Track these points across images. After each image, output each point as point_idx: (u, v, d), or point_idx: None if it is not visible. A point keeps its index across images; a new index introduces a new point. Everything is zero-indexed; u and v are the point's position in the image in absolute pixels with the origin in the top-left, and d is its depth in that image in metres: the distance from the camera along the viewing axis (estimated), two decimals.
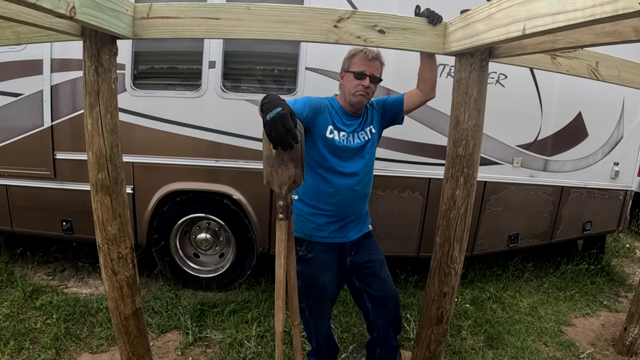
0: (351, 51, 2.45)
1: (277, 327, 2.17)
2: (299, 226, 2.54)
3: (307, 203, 2.53)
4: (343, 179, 2.48)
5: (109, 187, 2.04)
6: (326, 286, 2.59)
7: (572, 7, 1.14)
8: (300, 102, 2.34)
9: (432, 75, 2.56)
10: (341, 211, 2.53)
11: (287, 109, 1.77)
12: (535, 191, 4.18)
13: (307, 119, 2.31)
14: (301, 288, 2.50)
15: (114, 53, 1.94)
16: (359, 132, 2.55)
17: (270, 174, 2.00)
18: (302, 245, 2.54)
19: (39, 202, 3.99)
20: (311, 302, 2.62)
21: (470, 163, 2.11)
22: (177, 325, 3.51)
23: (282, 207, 2.04)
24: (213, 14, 1.92)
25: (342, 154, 2.47)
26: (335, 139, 2.44)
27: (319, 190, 2.49)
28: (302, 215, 2.55)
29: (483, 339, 3.54)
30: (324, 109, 2.46)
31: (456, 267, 2.28)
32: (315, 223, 2.54)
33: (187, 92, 3.64)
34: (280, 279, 2.11)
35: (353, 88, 2.44)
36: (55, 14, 1.37)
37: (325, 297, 2.64)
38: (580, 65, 2.42)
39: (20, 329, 3.36)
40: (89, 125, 1.96)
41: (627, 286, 4.88)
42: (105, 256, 2.16)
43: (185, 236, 4.17)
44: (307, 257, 2.55)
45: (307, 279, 2.54)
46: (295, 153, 1.94)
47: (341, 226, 2.57)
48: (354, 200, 2.56)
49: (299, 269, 2.45)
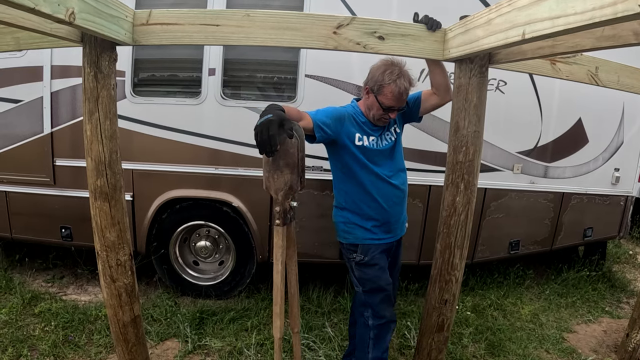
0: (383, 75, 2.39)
1: (275, 334, 2.16)
2: (347, 233, 2.61)
3: (352, 210, 2.59)
4: (381, 182, 2.53)
5: (107, 194, 2.03)
6: (390, 283, 2.62)
7: (572, 11, 1.14)
8: (322, 112, 2.39)
9: (442, 79, 2.52)
10: (385, 213, 2.58)
11: (277, 117, 1.86)
12: (535, 198, 4.17)
13: (332, 128, 2.36)
14: (362, 295, 2.61)
15: (113, 59, 1.94)
16: (386, 134, 2.59)
17: (267, 179, 2.08)
18: (357, 251, 2.59)
19: (38, 208, 3.97)
20: (376, 303, 2.59)
21: (470, 169, 2.10)
22: (176, 333, 3.49)
23: (279, 212, 2.08)
24: (213, 20, 1.92)
25: (375, 158, 2.52)
26: (366, 145, 2.49)
27: (360, 197, 2.55)
28: (350, 222, 2.60)
29: (484, 347, 3.51)
30: (348, 117, 2.48)
31: (457, 274, 2.27)
32: (364, 228, 2.58)
33: (187, 100, 3.64)
34: (278, 285, 2.11)
35: (377, 114, 2.48)
36: (55, 19, 1.37)
37: (390, 294, 2.65)
38: (580, 71, 2.42)
39: (19, 336, 3.34)
40: (88, 131, 1.96)
41: (628, 292, 4.86)
42: (104, 263, 2.15)
43: (184, 244, 4.15)
44: (364, 261, 2.58)
45: (370, 282, 2.58)
46: (290, 159, 2.01)
47: (388, 227, 2.63)
48: (395, 201, 2.62)
49: (359, 275, 2.61)
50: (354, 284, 2.70)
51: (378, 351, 2.62)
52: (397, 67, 2.40)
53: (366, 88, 2.50)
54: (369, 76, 2.50)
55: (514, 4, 1.43)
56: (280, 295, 2.11)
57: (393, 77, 2.37)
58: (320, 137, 2.36)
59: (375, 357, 2.62)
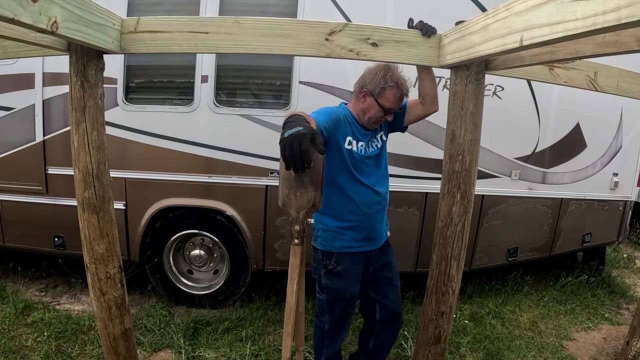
0: (385, 78, 2.41)
1: (284, 353, 2.13)
2: (326, 240, 2.57)
3: (333, 216, 2.54)
4: (364, 188, 2.52)
5: (95, 206, 1.98)
6: (354, 297, 2.64)
7: (572, 17, 1.08)
8: (323, 113, 2.33)
9: (431, 89, 2.53)
10: (366, 220, 2.56)
11: (309, 130, 1.68)
12: (534, 204, 4.14)
13: (329, 131, 2.30)
14: (325, 302, 2.63)
15: (100, 68, 1.89)
16: (372, 141, 2.59)
17: (287, 196, 1.89)
18: (331, 259, 2.55)
19: (30, 217, 3.93)
20: (335, 316, 2.63)
21: (467, 179, 2.05)
22: (170, 343, 3.43)
23: (299, 232, 1.93)
24: (202, 27, 1.87)
25: (361, 164, 2.50)
26: (354, 150, 2.47)
27: (343, 203, 2.51)
28: (330, 229, 2.56)
29: (482, 356, 3.47)
30: (343, 119, 2.46)
31: (453, 285, 2.21)
32: (343, 235, 2.55)
33: (180, 107, 3.60)
34: (291, 306, 2.03)
35: (374, 117, 2.48)
36: (36, 29, 1.32)
37: (351, 308, 2.68)
38: (579, 76, 2.38)
39: (11, 346, 3.29)
40: (75, 142, 1.92)
41: (628, 298, 4.83)
42: (93, 276, 2.10)
43: (178, 252, 4.10)
44: (336, 270, 2.55)
45: (334, 292, 2.58)
46: (316, 176, 1.85)
47: (368, 235, 2.60)
48: (377, 209, 2.59)
49: (326, 283, 2.60)
50: (317, 291, 2.69)
51: (330, 350, 2.73)
52: (395, 71, 2.42)
53: (363, 91, 2.47)
54: (365, 79, 2.48)
55: (511, 9, 1.38)
56: (293, 316, 2.06)
57: (394, 79, 2.39)
58: None
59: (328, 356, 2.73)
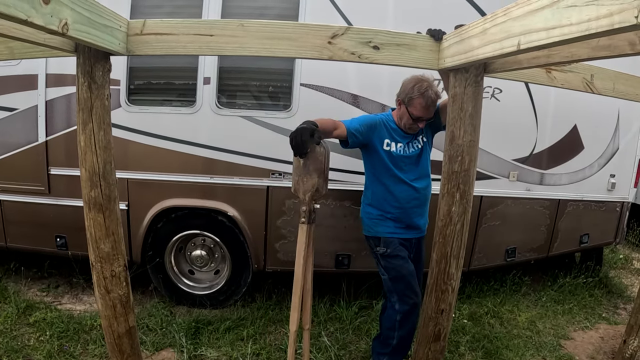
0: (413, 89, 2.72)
1: (290, 327, 2.39)
2: (370, 227, 2.98)
3: (375, 206, 2.95)
4: (404, 185, 2.87)
5: (102, 205, 2.02)
6: (413, 273, 2.90)
7: (567, 22, 1.13)
8: (356, 120, 2.80)
9: None
10: (405, 213, 2.91)
11: (309, 127, 2.32)
12: (531, 205, 4.17)
13: (363, 134, 2.77)
14: (389, 281, 2.92)
15: (107, 69, 1.92)
16: (413, 142, 2.92)
17: (297, 182, 2.49)
18: (379, 244, 2.92)
19: (33, 217, 3.95)
20: (401, 289, 2.88)
21: (466, 179, 2.09)
22: (171, 343, 3.46)
23: (305, 212, 2.48)
24: (207, 30, 1.91)
25: (400, 163, 2.86)
26: (392, 150, 2.85)
27: (385, 197, 2.91)
28: (373, 217, 2.96)
29: (481, 355, 3.50)
30: (380, 125, 2.86)
31: (453, 283, 2.25)
32: (384, 224, 2.92)
33: (182, 108, 3.63)
34: (299, 277, 2.43)
35: (408, 124, 2.84)
36: (47, 31, 1.36)
37: (414, 280, 2.90)
38: (575, 79, 2.43)
39: (13, 346, 3.31)
40: (82, 142, 1.94)
41: (625, 298, 4.86)
42: (98, 274, 2.13)
43: (180, 253, 4.12)
44: (387, 253, 2.90)
45: (394, 271, 2.89)
46: (319, 165, 2.46)
47: (407, 225, 2.94)
48: (415, 203, 2.93)
49: (385, 264, 2.93)
50: (380, 272, 2.98)
51: (404, 331, 2.92)
52: (425, 82, 2.72)
53: (398, 100, 2.85)
54: (400, 89, 2.83)
55: (509, 14, 1.43)
56: (300, 287, 2.29)
57: (421, 90, 2.70)
58: (352, 143, 2.77)
59: (401, 336, 2.93)
